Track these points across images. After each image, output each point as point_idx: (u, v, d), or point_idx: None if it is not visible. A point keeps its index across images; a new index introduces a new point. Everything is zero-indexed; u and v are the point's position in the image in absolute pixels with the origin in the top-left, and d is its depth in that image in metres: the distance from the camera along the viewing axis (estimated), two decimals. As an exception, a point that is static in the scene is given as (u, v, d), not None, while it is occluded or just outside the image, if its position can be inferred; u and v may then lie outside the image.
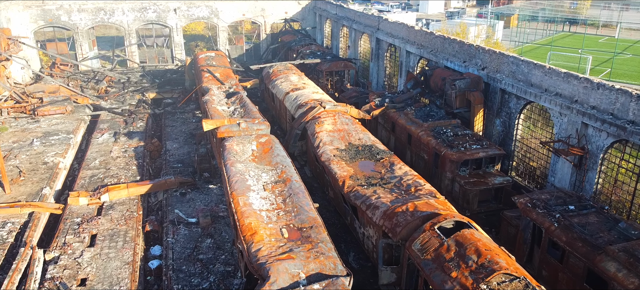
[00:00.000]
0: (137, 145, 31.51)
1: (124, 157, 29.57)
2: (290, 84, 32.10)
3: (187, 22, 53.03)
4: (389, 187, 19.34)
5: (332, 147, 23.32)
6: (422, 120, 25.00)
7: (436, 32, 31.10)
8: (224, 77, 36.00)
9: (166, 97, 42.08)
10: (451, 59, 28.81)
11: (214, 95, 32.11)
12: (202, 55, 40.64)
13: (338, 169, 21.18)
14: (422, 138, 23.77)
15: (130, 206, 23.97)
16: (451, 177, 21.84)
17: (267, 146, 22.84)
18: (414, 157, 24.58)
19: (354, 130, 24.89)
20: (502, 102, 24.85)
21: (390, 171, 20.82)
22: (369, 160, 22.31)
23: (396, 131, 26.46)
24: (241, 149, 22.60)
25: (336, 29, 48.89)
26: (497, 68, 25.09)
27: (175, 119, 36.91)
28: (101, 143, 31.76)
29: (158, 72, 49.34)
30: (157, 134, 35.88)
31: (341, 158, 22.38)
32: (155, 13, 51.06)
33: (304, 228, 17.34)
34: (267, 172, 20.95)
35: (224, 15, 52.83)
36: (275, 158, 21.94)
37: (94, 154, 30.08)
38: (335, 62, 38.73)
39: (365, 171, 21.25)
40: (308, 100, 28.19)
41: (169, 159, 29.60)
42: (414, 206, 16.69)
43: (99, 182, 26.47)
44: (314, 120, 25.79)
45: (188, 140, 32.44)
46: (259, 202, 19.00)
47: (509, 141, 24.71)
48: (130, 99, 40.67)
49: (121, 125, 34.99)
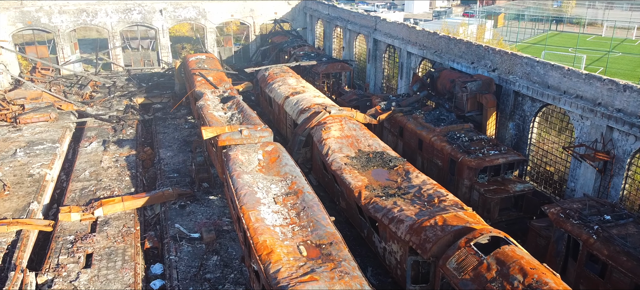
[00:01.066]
0: (128, 154, 29.83)
1: (115, 167, 27.91)
2: (289, 88, 30.80)
3: (174, 24, 51.27)
4: (409, 197, 18.23)
5: (341, 155, 22.12)
6: (433, 124, 23.96)
7: (440, 33, 30.13)
8: (218, 81, 34.54)
9: (155, 102, 40.35)
10: (457, 60, 27.86)
11: (209, 100, 30.66)
12: (193, 58, 39.04)
13: (352, 179, 20.00)
14: (436, 144, 22.72)
15: (127, 221, 22.41)
16: (469, 184, 20.84)
17: (273, 155, 21.54)
18: (426, 164, 23.53)
19: (362, 136, 23.74)
20: (516, 104, 23.97)
21: (406, 180, 19.72)
22: (381, 168, 21.18)
23: (405, 136, 25.39)
24: (246, 158, 21.25)
25: (329, 29, 47.69)
26: (510, 69, 24.20)
27: (167, 125, 35.28)
28: (90, 152, 30.00)
29: (144, 76, 47.50)
30: (149, 142, 34.22)
31: (353, 166, 21.20)
32: (140, 14, 49.17)
33: (323, 245, 16.15)
34: (276, 184, 19.66)
35: (211, 16, 51.19)
36: (283, 168, 20.65)
37: (83, 164, 28.35)
38: (332, 63, 37.53)
39: (380, 180, 20.11)
40: (310, 104, 26.94)
41: (164, 168, 28.03)
42: (443, 220, 15.60)
43: (91, 195, 24.80)
44: (320, 126, 24.56)
45: (182, 148, 30.88)
46: (271, 217, 17.71)
47: (523, 145, 23.84)
48: (117, 105, 38.84)
49: (110, 132, 33.23)
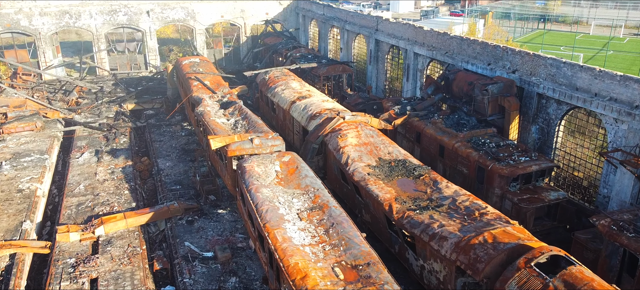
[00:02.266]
0: (124, 164, 27.98)
1: (112, 180, 26.05)
2: (294, 92, 29.33)
3: (162, 25, 49.26)
4: (444, 210, 17.00)
5: (363, 164, 20.79)
6: (455, 129, 22.80)
7: (451, 33, 29.07)
8: (215, 85, 32.85)
9: (147, 108, 38.40)
10: (472, 62, 26.80)
11: (208, 106, 29.00)
12: (186, 62, 37.20)
13: (379, 190, 18.68)
14: (460, 150, 21.56)
15: (131, 240, 20.70)
16: (501, 193, 19.72)
17: (291, 166, 20.08)
18: (449, 171, 22.37)
19: (381, 143, 22.45)
20: (539, 107, 22.99)
21: (436, 190, 18.49)
22: (406, 177, 19.91)
23: (423, 142, 24.19)
24: (263, 170, 19.74)
25: (324, 30, 46.30)
26: (532, 71, 23.20)
27: (162, 132, 33.44)
28: (82, 164, 28.05)
29: (132, 80, 45.39)
30: (143, 150, 32.36)
31: (377, 176, 19.89)
32: (126, 16, 47.03)
33: (360, 266, 14.85)
34: (298, 198, 18.25)
35: (201, 17, 49.33)
36: (303, 180, 19.22)
37: (77, 177, 26.41)
38: (333, 65, 36.16)
39: (408, 191, 18.84)
40: (321, 110, 25.54)
41: (165, 180, 26.28)
42: (493, 236, 14.40)
43: (89, 211, 22.97)
44: (335, 133, 23.17)
45: (182, 157, 29.13)
46: (298, 236, 16.31)
47: (547, 149, 22.87)
48: (106, 111, 36.79)
49: (102, 141, 31.26)
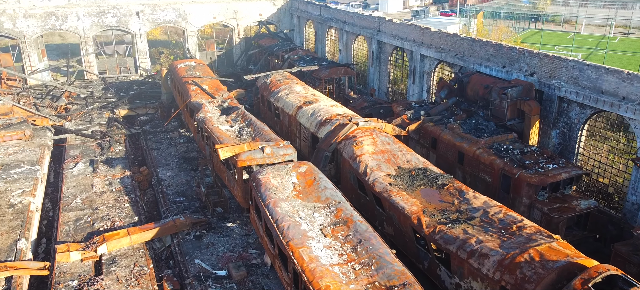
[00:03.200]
0: (122, 175, 26.52)
1: (110, 192, 24.61)
2: (299, 97, 28.16)
3: (152, 27, 47.63)
4: (477, 223, 16.05)
5: (383, 174, 19.74)
6: (475, 135, 21.90)
7: (461, 34, 28.21)
8: (214, 90, 31.54)
9: (140, 114, 36.86)
10: (485, 64, 25.96)
11: (210, 113, 27.69)
12: (181, 65, 35.76)
13: (404, 203, 17.65)
14: (482, 157, 20.65)
15: (137, 258, 19.37)
16: (529, 203, 18.86)
17: (309, 177, 18.94)
18: (468, 179, 21.45)
19: (398, 150, 21.44)
20: (559, 111, 22.22)
21: (464, 201, 17.54)
22: (429, 187, 18.94)
23: (439, 148, 23.25)
24: (279, 182, 18.56)
25: (321, 31, 45.18)
26: (552, 73, 22.43)
27: (159, 139, 31.98)
28: (77, 175, 26.52)
29: (122, 85, 43.70)
30: (139, 159, 30.88)
31: (399, 187, 18.86)
32: (115, 17, 45.31)
33: (395, 287, 13.78)
34: (319, 212, 17.12)
35: (193, 18, 47.82)
36: (323, 192, 18.10)
37: (72, 189, 24.90)
38: (334, 68, 35.09)
39: (434, 202, 17.86)
40: (331, 115, 24.44)
41: (167, 191, 24.89)
42: (539, 254, 13.46)
43: (89, 228, 21.54)
44: (349, 140, 22.09)
45: (182, 166, 27.74)
46: (325, 254, 15.19)
47: (569, 154, 22.12)
48: (98, 118, 35.17)
49: (96, 150, 29.72)
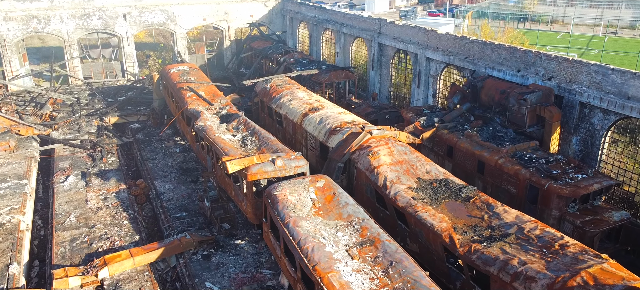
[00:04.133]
0: (117, 188, 24.96)
1: (106, 208, 23.05)
2: (303, 103, 26.91)
3: (140, 30, 45.80)
4: (514, 241, 15.07)
5: (404, 187, 18.65)
6: (494, 143, 20.95)
7: (471, 36, 27.26)
8: (211, 96, 30.09)
9: (131, 121, 35.16)
10: (498, 68, 25.09)
11: (209, 121, 26.28)
12: (175, 70, 34.18)
13: (432, 218, 16.58)
14: (506, 167, 19.69)
15: (142, 282, 17.94)
16: (559, 215, 17.96)
17: (328, 192, 17.73)
18: (490, 189, 20.49)
19: (416, 160, 20.37)
20: (580, 117, 21.43)
21: (494, 216, 16.55)
22: (454, 200, 17.91)
23: (456, 157, 22.26)
24: (297, 199, 17.31)
25: (316, 33, 43.96)
26: (572, 78, 21.62)
27: (154, 149, 30.39)
28: (69, 189, 24.87)
29: (109, 90, 41.84)
30: (133, 170, 29.28)
31: (423, 201, 17.79)
32: (100, 20, 43.41)
33: (436, 315, 12.72)
34: (342, 231, 15.93)
35: (182, 20, 46.16)
36: (344, 209, 16.91)
37: (64, 206, 23.28)
38: (335, 72, 33.93)
39: (462, 217, 16.83)
40: (340, 123, 23.28)
41: (167, 206, 23.42)
42: (591, 277, 12.51)
43: (86, 249, 20.00)
44: (364, 150, 20.94)
45: (181, 178, 26.25)
46: (355, 279, 14.02)
47: (591, 162, 21.34)
48: (87, 126, 33.38)
49: (87, 162, 28.03)
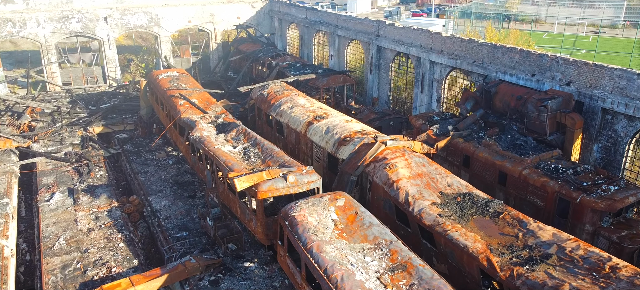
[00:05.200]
0: (109, 206, 23.14)
1: (99, 229, 21.24)
2: (305, 110, 25.48)
3: (122, 32, 43.66)
4: (557, 262, 13.98)
5: (428, 203, 17.43)
6: (515, 152, 19.91)
7: (479, 40, 26.26)
8: (204, 104, 28.45)
9: (117, 131, 33.17)
10: (510, 72, 24.12)
11: (205, 131, 24.70)
12: (163, 76, 32.35)
13: (464, 238, 15.39)
14: (531, 179, 18.66)
15: (145, 315, 16.31)
16: (592, 230, 17.00)
17: (349, 212, 16.38)
18: (513, 202, 19.45)
19: (436, 173, 19.19)
20: (602, 124, 20.58)
21: (529, 234, 15.46)
22: (481, 216, 16.79)
23: (473, 167, 21.18)
24: (317, 220, 15.92)
25: (308, 35, 42.54)
26: (593, 83, 20.75)
27: (144, 161, 28.53)
28: (55, 208, 22.94)
29: (91, 97, 39.65)
30: (123, 184, 27.42)
31: (450, 218, 16.60)
32: (80, 23, 41.15)
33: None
34: (370, 255, 14.61)
35: (166, 22, 44.18)
36: (369, 230, 15.59)
37: (52, 227, 21.39)
38: (333, 76, 32.59)
39: (495, 236, 15.70)
40: (350, 133, 21.96)
41: (166, 225, 21.73)
42: (657, 307, 11.48)
43: (80, 276, 18.22)
44: (379, 163, 19.65)
45: (178, 193, 24.55)
46: (393, 312, 12.75)
47: (614, 171, 20.50)
48: (70, 137, 31.30)
49: (73, 176, 26.07)
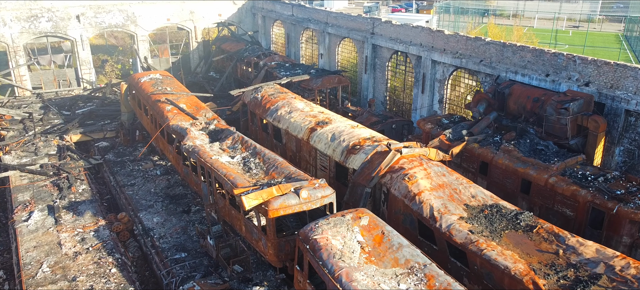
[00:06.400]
0: (95, 225, 21.05)
1: (86, 253, 19.18)
2: (305, 115, 23.84)
3: (96, 32, 41.03)
4: (608, 284, 12.81)
5: (455, 217, 16.09)
6: (539, 158, 18.76)
7: (486, 38, 25.07)
8: (193, 109, 26.55)
9: (97, 139, 30.83)
10: (521, 72, 23.03)
11: (198, 139, 22.90)
12: (146, 79, 30.17)
13: (502, 258, 14.08)
14: (560, 187, 17.53)
15: None
16: (630, 242, 15.97)
17: (375, 231, 14.88)
18: (539, 212, 18.28)
19: (457, 183, 17.87)
20: (625, 126, 19.66)
21: (569, 250, 14.29)
22: (514, 231, 15.56)
23: (492, 175, 19.96)
24: (342, 243, 14.37)
25: (294, 33, 40.79)
26: (614, 83, 19.80)
27: (130, 172, 26.40)
28: (35, 230, 20.74)
29: (64, 101, 37.03)
30: (108, 197, 25.27)
31: (482, 234, 15.31)
32: (50, 22, 38.39)
33: None
34: (404, 281, 13.16)
35: (143, 21, 41.74)
36: (399, 252, 14.12)
37: (33, 253, 19.22)
38: (328, 77, 31.00)
39: (533, 253, 14.46)
40: (359, 140, 20.46)
41: (161, 245, 19.82)
42: None
43: (71, 311, 16.24)
44: (397, 173, 18.20)
45: (170, 208, 22.62)
46: (442, 350, 11.35)
47: (636, 174, 19.57)
48: (45, 147, 28.85)
49: (52, 191, 23.81)
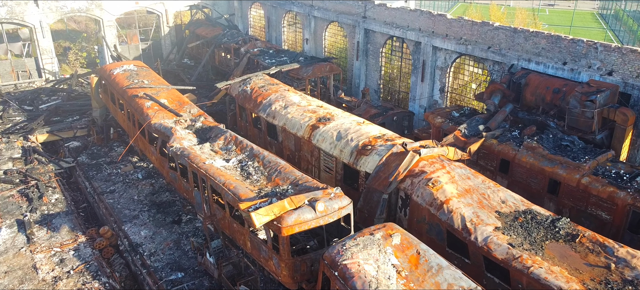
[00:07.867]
0: (74, 242, 18.65)
1: (67, 277, 16.84)
2: (303, 110, 21.78)
3: (58, 17, 37.43)
4: (675, 305, 11.56)
5: (490, 228, 14.53)
6: (566, 156, 17.36)
7: (495, 23, 23.43)
8: (176, 104, 24.09)
9: (67, 138, 27.90)
10: (535, 59, 21.59)
11: (185, 140, 20.61)
12: (119, 71, 27.30)
13: (553, 277, 12.61)
14: (594, 188, 16.20)
15: None
16: (676, 249, 14.81)
17: (409, 251, 13.15)
18: (569, 214, 16.93)
19: (484, 186, 16.32)
20: (652, 119, 18.53)
21: (621, 263, 12.96)
22: (554, 241, 14.16)
23: (514, 173, 18.51)
24: (375, 268, 12.58)
25: (276, 16, 38.29)
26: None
27: (107, 176, 23.83)
28: (4, 251, 18.21)
29: (25, 95, 33.68)
30: (84, 206, 22.69)
31: (521, 247, 13.82)
32: (5, 7, 34.68)
33: None
34: (451, 312, 11.56)
35: (109, 5, 38.36)
36: (440, 275, 12.48)
37: (4, 279, 16.81)
38: (319, 65, 28.88)
39: (581, 268, 13.07)
40: (369, 139, 18.60)
41: (153, 264, 17.60)
42: None
43: None
44: (418, 178, 16.49)
45: (158, 219, 20.33)
46: None
47: (664, 170, 18.51)
48: (7, 150, 25.85)
49: (20, 203, 21.12)
